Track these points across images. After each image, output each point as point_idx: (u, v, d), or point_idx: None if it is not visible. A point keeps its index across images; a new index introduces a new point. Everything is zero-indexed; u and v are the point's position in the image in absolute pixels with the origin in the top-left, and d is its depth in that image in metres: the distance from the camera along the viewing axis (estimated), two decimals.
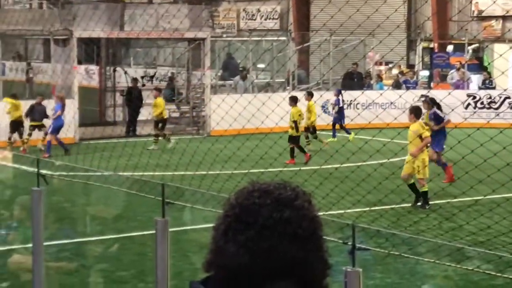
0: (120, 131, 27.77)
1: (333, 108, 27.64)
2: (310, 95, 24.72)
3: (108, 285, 11.70)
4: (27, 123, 24.31)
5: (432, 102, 19.40)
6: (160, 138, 25.14)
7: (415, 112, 16.81)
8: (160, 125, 25.62)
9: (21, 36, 32.31)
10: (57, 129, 23.85)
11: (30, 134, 24.36)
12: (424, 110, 18.45)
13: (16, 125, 24.29)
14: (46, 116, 24.31)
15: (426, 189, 16.17)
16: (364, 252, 5.18)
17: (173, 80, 32.42)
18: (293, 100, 22.67)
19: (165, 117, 25.89)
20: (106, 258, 13.22)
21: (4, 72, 29.72)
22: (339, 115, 27.15)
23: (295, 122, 22.10)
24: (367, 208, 14.43)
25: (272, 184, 2.39)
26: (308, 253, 2.32)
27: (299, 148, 22.00)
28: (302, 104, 23.84)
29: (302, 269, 2.32)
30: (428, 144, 16.81)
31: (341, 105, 27.30)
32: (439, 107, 19.39)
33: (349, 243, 4.94)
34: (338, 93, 27.49)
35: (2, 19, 28.19)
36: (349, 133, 25.58)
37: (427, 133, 16.50)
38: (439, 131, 18.80)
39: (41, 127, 24.40)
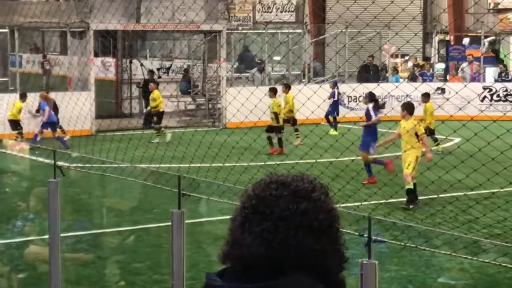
0: (136, 123, 27.81)
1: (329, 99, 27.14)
2: (287, 87, 24.76)
3: (123, 277, 11.74)
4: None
5: (370, 98, 18.60)
6: (160, 130, 25.19)
7: (408, 108, 16.18)
8: (155, 118, 25.63)
9: (37, 28, 32.38)
10: (51, 124, 23.81)
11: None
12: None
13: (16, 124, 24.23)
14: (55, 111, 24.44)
15: (411, 187, 15.40)
16: (380, 245, 5.17)
17: (189, 72, 32.47)
18: (273, 92, 23.10)
19: (161, 110, 25.84)
20: (122, 250, 13.27)
21: (21, 65, 29.78)
22: (333, 108, 26.90)
23: (275, 113, 22.67)
24: (383, 201, 14.42)
25: (290, 176, 2.40)
26: (324, 245, 2.33)
27: (268, 139, 22.44)
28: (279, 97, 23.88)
29: (318, 261, 2.33)
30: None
31: (335, 98, 27.05)
32: (376, 103, 18.57)
33: (365, 236, 4.93)
34: (334, 85, 27.30)
35: (19, 11, 28.27)
36: (336, 129, 25.50)
37: (422, 130, 15.97)
38: (369, 130, 17.95)
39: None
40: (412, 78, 32.18)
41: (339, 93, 27.50)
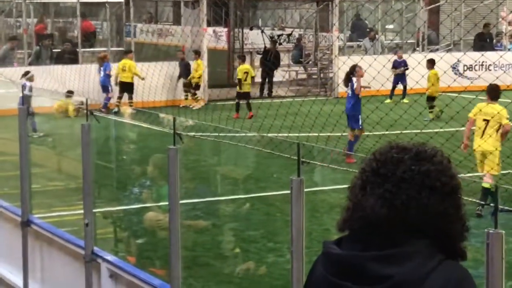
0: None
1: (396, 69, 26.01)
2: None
3: (238, 244, 11.84)
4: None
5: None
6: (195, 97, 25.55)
7: (492, 92, 12.86)
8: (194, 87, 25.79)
9: None
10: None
11: (186, 91, 25.59)
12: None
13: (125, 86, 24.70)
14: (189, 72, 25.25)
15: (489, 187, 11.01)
16: (507, 215, 5.03)
17: (301, 41, 32.41)
18: (240, 58, 25.06)
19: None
20: (236, 218, 13.38)
21: (135, 35, 30.25)
22: (401, 77, 25.83)
23: (239, 80, 23.87)
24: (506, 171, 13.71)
25: (411, 143, 2.42)
26: (447, 208, 2.32)
27: (248, 105, 23.35)
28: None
29: (441, 224, 2.32)
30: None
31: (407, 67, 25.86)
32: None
33: (491, 205, 4.80)
34: (400, 55, 26.57)
35: None
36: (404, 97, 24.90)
37: (506, 120, 12.60)
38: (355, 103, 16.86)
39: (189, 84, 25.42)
40: None
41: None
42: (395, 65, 26.17)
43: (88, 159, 7.97)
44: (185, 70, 25.79)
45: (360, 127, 16.66)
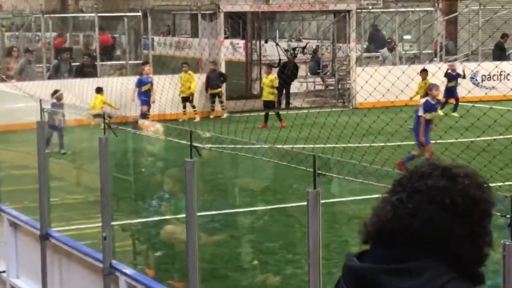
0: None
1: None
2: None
3: (256, 256, 11.84)
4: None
5: None
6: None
7: None
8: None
9: (169, 11, 32.94)
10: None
11: (213, 102, 25.71)
12: None
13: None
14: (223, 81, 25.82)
15: None
16: None
17: (317, 52, 32.43)
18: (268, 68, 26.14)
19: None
20: (254, 229, 13.38)
21: (154, 47, 30.42)
22: (454, 90, 25.30)
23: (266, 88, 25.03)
24: None
25: (450, 163, 2.43)
26: (455, 228, 2.31)
27: (277, 115, 23.89)
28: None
29: (450, 244, 2.31)
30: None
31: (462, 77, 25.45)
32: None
33: (508, 216, 4.79)
34: (452, 67, 26.06)
35: None
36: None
37: None
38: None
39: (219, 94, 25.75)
40: None
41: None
42: (450, 78, 25.53)
43: (106, 172, 8.02)
44: (216, 80, 25.90)
45: (423, 143, 16.27)
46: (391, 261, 2.30)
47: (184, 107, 25.68)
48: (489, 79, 28.98)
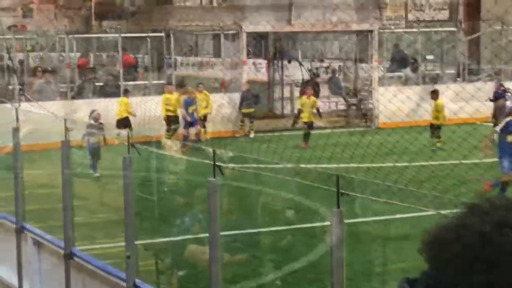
0: (286, 123, 27.96)
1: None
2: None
3: (278, 275, 11.82)
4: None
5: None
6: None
7: None
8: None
9: (191, 32, 33.09)
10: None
11: (242, 121, 26.00)
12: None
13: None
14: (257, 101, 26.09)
15: None
16: None
17: (336, 72, 32.40)
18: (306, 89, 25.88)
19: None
20: (277, 249, 13.36)
21: (176, 67, 30.53)
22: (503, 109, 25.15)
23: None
24: None
25: None
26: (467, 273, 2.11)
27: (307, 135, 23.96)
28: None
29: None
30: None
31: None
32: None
33: None
34: (500, 85, 25.93)
35: (174, 15, 28.99)
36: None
37: None
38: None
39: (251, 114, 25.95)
40: None
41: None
42: (497, 97, 24.78)
43: (129, 191, 8.06)
44: (250, 100, 25.98)
45: (506, 171, 14.82)
46: None
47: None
48: None
